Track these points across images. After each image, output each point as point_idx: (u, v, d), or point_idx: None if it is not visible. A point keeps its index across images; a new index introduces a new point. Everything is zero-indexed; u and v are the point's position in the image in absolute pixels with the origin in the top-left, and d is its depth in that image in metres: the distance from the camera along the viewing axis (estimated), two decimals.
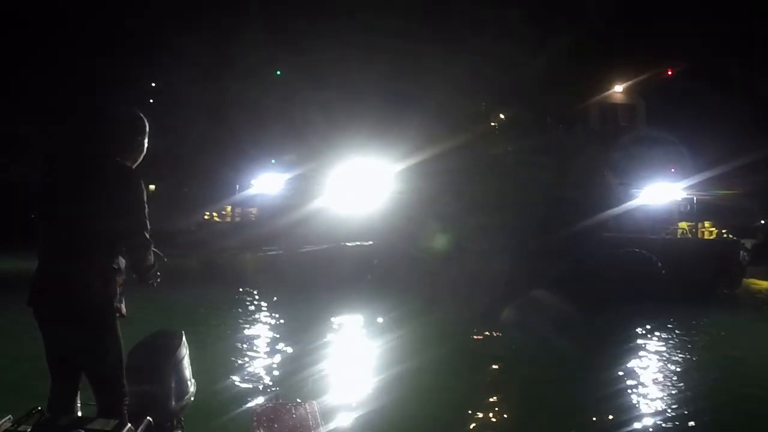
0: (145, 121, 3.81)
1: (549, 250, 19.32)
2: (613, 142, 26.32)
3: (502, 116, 31.09)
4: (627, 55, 28.47)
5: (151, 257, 3.63)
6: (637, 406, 8.04)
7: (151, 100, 30.20)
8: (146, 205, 3.56)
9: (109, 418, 3.03)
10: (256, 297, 15.93)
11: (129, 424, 2.99)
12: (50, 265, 3.41)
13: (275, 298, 15.75)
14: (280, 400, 4.78)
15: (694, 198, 25.51)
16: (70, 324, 3.38)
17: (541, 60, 26.69)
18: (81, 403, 3.60)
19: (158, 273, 3.74)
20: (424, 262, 19.24)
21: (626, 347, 11.77)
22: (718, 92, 29.04)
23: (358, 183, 24.50)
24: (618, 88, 28.98)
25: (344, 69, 27.95)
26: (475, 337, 12.48)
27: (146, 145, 3.82)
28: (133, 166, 3.71)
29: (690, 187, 25.27)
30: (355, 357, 10.44)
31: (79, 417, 3.38)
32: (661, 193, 24.90)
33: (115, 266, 3.49)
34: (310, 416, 4.19)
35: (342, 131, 25.84)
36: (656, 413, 7.72)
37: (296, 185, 27.11)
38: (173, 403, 4.07)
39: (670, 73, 29.28)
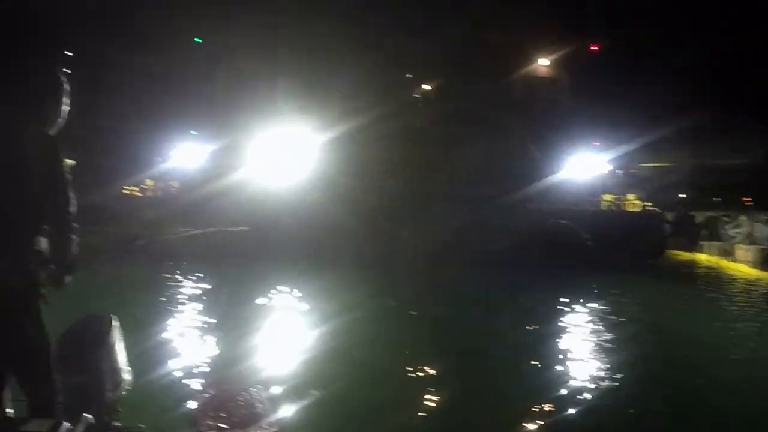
0: (66, 82, 3.40)
1: (474, 222, 19.50)
2: (537, 115, 26.72)
3: (426, 87, 31.05)
4: (552, 29, 28.69)
5: (75, 240, 3.24)
6: (567, 376, 8.17)
7: (69, 70, 28.58)
8: (68, 178, 3.18)
9: (42, 417, 2.70)
10: (182, 276, 15.42)
11: (67, 424, 2.66)
12: None
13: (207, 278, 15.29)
14: (224, 386, 4.49)
15: (619, 171, 26.33)
16: None
17: (466, 31, 26.68)
18: (13, 400, 3.23)
19: (76, 262, 3.31)
20: (346, 237, 18.96)
21: (554, 319, 11.92)
22: (642, 68, 29.78)
23: (281, 153, 24.19)
24: (543, 62, 29.35)
25: (267, 37, 27.17)
26: (406, 311, 12.43)
27: (67, 109, 3.42)
28: (52, 133, 3.31)
29: (614, 160, 26.06)
30: (290, 335, 10.22)
31: (10, 419, 3.03)
32: (585, 165, 25.54)
33: (36, 248, 3.10)
34: (256, 402, 3.94)
35: (265, 101, 25.26)
36: (586, 382, 7.87)
37: (218, 157, 26.42)
38: (108, 393, 3.76)
39: (595, 48, 29.85)
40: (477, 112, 25.71)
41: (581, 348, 9.80)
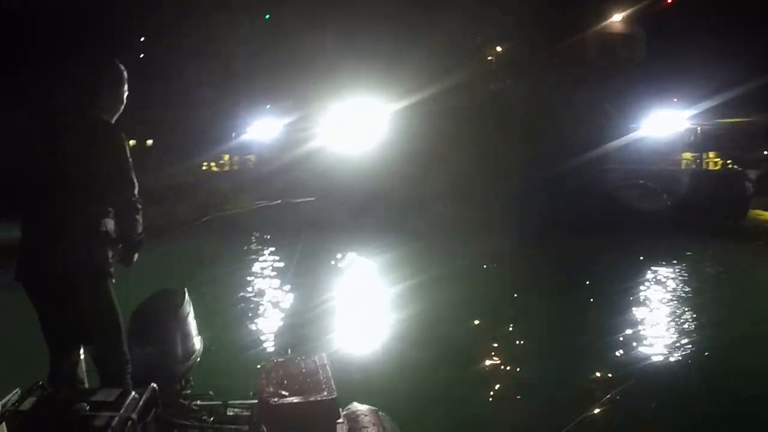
0: (124, 70, 3.56)
1: (551, 185, 19.17)
2: (612, 73, 25.87)
3: (498, 49, 30.54)
4: None
5: (141, 220, 3.43)
6: (643, 342, 8.06)
7: (141, 55, 29.55)
8: (131, 162, 3.36)
9: (112, 388, 2.90)
10: (257, 249, 15.84)
11: (133, 393, 2.86)
12: (36, 234, 3.23)
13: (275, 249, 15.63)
14: (289, 354, 4.65)
15: (698, 128, 25.26)
16: (61, 294, 3.23)
17: None
18: (87, 371, 3.48)
19: (143, 242, 3.52)
20: (426, 203, 18.97)
21: (632, 282, 11.68)
22: (719, 20, 28.33)
23: (355, 124, 24.24)
24: (617, 18, 28.34)
25: (338, 9, 27.24)
26: (483, 270, 12.37)
27: (126, 96, 3.58)
28: (112, 120, 3.48)
29: (693, 117, 25.01)
30: (360, 305, 10.37)
31: (81, 389, 3.26)
32: (663, 123, 24.66)
33: (103, 228, 3.31)
34: (319, 369, 4.04)
35: (337, 72, 25.36)
36: (660, 349, 7.75)
37: (292, 130, 26.80)
38: (180, 363, 3.97)
39: (669, 1, 28.60)
40: (552, 73, 25.14)
41: (654, 321, 9.46)
